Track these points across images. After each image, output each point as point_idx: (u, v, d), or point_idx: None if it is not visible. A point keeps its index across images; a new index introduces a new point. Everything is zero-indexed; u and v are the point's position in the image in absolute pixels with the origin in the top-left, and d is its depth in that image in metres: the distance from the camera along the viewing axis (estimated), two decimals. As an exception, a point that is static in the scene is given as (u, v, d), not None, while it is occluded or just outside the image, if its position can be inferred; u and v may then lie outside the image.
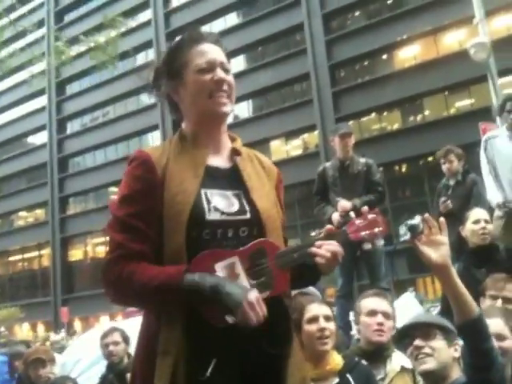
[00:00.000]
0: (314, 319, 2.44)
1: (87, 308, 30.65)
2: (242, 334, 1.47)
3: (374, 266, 5.13)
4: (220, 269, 1.51)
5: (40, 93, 33.34)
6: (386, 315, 2.77)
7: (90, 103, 34.82)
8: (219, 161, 1.71)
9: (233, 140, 1.79)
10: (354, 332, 4.23)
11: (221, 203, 1.60)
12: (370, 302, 2.84)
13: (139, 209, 1.56)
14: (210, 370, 1.46)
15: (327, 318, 2.46)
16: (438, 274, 1.87)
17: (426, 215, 1.83)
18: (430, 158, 21.64)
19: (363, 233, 1.60)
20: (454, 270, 1.86)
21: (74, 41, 12.35)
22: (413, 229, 1.90)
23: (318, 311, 2.47)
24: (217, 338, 1.48)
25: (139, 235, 1.55)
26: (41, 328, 34.53)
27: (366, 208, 1.63)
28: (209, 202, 1.58)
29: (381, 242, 5.00)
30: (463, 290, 1.85)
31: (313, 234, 25.00)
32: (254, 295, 1.46)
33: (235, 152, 1.74)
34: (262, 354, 1.53)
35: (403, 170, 26.66)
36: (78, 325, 31.42)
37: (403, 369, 2.68)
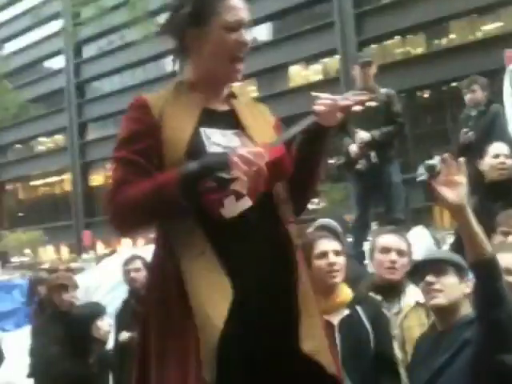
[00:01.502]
0: (323, 254, 2.47)
1: (109, 231, 31.33)
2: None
3: (391, 198, 5.14)
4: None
5: (55, 17, 32.73)
6: (400, 252, 2.78)
7: (106, 27, 34.14)
8: (216, 104, 1.72)
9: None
10: (366, 262, 4.30)
11: (221, 139, 1.62)
12: (384, 239, 2.85)
13: (138, 147, 1.60)
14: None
15: (336, 253, 2.49)
16: (454, 214, 1.87)
17: (445, 155, 1.81)
18: (454, 84, 21.06)
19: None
20: (469, 211, 1.85)
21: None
22: (430, 169, 1.88)
23: (327, 247, 2.49)
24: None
25: (140, 169, 1.58)
26: (64, 250, 35.67)
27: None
28: (208, 138, 1.60)
29: (399, 176, 4.95)
30: (478, 230, 1.86)
31: (331, 161, 24.86)
32: (243, 150, 1.49)
33: (232, 95, 1.76)
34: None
35: (426, 96, 26.07)
36: (100, 247, 32.39)
37: (418, 304, 2.73)
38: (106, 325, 3.67)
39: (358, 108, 1.69)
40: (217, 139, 1.62)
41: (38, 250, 34.92)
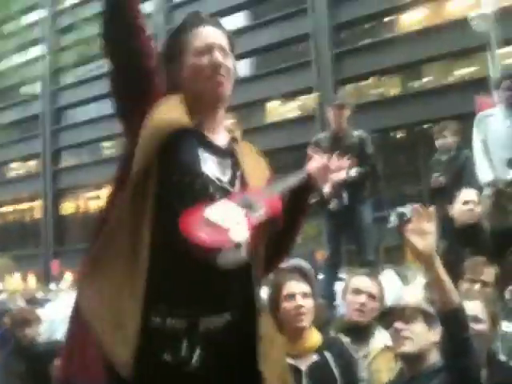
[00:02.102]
0: (291, 296, 2.46)
1: (78, 261, 30.79)
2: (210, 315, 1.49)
3: (362, 239, 5.18)
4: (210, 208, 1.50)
5: (35, 43, 32.69)
6: (371, 296, 2.80)
7: (84, 55, 34.25)
8: (215, 138, 1.71)
9: (231, 132, 1.81)
10: (337, 302, 4.29)
11: (214, 167, 1.62)
12: (357, 281, 2.87)
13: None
14: (195, 359, 1.47)
15: (304, 295, 2.48)
16: (422, 262, 1.89)
17: (416, 206, 1.84)
18: (428, 126, 21.55)
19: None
20: (438, 259, 1.88)
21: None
22: (401, 216, 1.91)
23: (294, 288, 2.49)
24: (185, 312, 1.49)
25: None
26: (32, 279, 34.83)
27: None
28: (204, 162, 1.60)
29: (370, 216, 5.02)
30: (446, 280, 1.88)
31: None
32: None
33: (233, 139, 1.76)
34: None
35: (399, 136, 26.56)
36: (68, 277, 31.74)
37: (386, 347, 2.73)
38: None
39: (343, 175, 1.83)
40: (211, 166, 1.61)
41: (5, 277, 33.99)
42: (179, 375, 1.46)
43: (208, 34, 1.70)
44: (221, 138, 1.72)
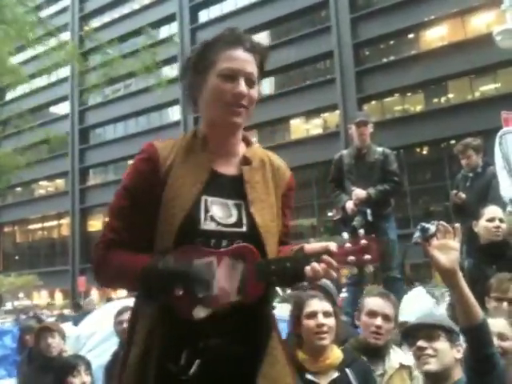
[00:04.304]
0: (312, 315, 2.47)
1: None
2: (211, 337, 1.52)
3: (387, 255, 5.13)
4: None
5: (62, 64, 33.49)
6: (386, 318, 2.78)
7: (111, 75, 34.93)
8: (227, 167, 1.69)
9: (248, 144, 1.77)
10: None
11: (219, 213, 1.61)
12: (372, 302, 2.85)
13: (137, 204, 1.61)
14: (193, 370, 1.50)
15: (326, 314, 2.49)
16: (445, 278, 1.88)
17: (441, 223, 1.83)
18: (453, 142, 21.35)
19: (350, 258, 1.53)
20: (460, 275, 1.87)
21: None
22: (425, 232, 1.91)
23: (317, 307, 2.50)
24: (187, 334, 1.52)
25: (133, 228, 1.61)
26: (58, 296, 35.26)
27: (361, 232, 1.57)
28: (206, 211, 1.60)
29: (395, 233, 4.93)
30: (469, 295, 1.87)
31: (330, 214, 25.04)
32: (221, 286, 1.51)
33: (245, 161, 1.71)
34: (232, 360, 1.55)
35: (424, 153, 26.38)
36: (94, 294, 31.99)
37: (402, 366, 2.72)
38: (78, 382, 3.43)
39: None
40: (215, 212, 1.60)
41: (33, 294, 34.49)
42: (178, 383, 1.51)
43: (238, 59, 1.63)
44: (233, 163, 1.70)
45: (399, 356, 2.75)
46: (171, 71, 30.95)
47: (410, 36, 26.29)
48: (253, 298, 1.54)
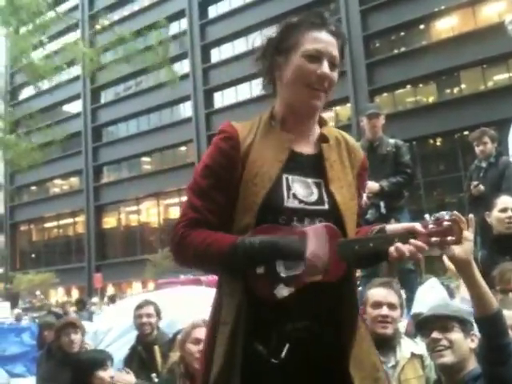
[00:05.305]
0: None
1: (120, 274, 31.42)
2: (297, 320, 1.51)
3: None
4: None
5: (75, 62, 33.70)
6: (392, 306, 2.78)
7: (123, 72, 35.10)
8: (304, 147, 1.69)
9: (322, 124, 1.77)
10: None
11: (300, 191, 1.61)
12: (375, 293, 2.84)
13: (219, 182, 1.61)
14: (284, 353, 1.49)
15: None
16: (459, 269, 1.88)
17: (455, 213, 1.83)
18: (466, 133, 21.19)
19: (434, 239, 1.53)
20: (475, 266, 1.87)
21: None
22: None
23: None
24: (274, 316, 1.52)
25: (215, 207, 1.61)
26: (75, 292, 35.57)
27: (443, 213, 1.57)
28: (289, 189, 1.60)
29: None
30: (483, 285, 1.87)
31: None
32: (314, 255, 1.49)
33: (323, 139, 1.71)
34: (319, 341, 1.55)
35: (437, 144, 26.20)
36: (110, 290, 32.26)
37: (413, 355, 2.72)
38: (107, 376, 3.48)
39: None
40: (297, 190, 1.60)
41: (49, 291, 34.83)
42: (267, 366, 1.50)
43: (323, 41, 1.64)
44: (311, 142, 1.71)
45: (410, 345, 2.75)
46: (181, 67, 31.03)
47: (421, 27, 26.07)
48: (335, 278, 1.53)
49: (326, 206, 1.61)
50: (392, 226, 1.61)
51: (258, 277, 1.49)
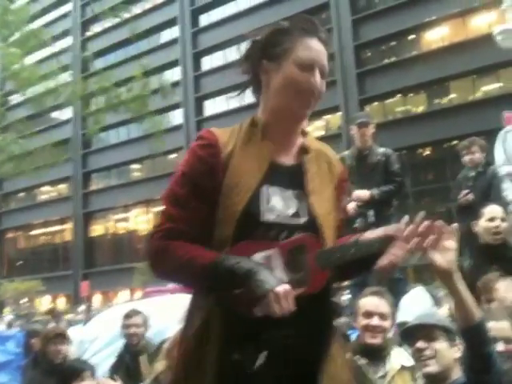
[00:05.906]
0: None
1: (107, 282, 31.22)
2: (273, 329, 1.47)
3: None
4: (258, 259, 1.50)
5: (64, 69, 33.59)
6: (383, 316, 2.76)
7: (116, 79, 35.05)
8: (285, 157, 1.66)
9: (304, 134, 1.74)
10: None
11: (278, 204, 1.58)
12: (367, 302, 2.81)
13: (197, 190, 1.57)
14: (258, 363, 1.48)
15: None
16: (442, 279, 1.88)
17: (438, 222, 1.82)
18: (455, 142, 21.33)
19: (412, 242, 1.53)
20: (458, 276, 1.86)
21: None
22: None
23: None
24: (249, 327, 1.49)
25: (192, 216, 1.55)
26: (61, 301, 35.29)
27: (421, 214, 1.55)
28: (267, 201, 1.57)
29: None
30: (466, 296, 1.86)
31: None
32: (283, 287, 1.43)
33: (304, 150, 1.69)
34: (296, 352, 1.52)
35: (426, 153, 26.37)
36: (97, 298, 32.03)
37: (403, 367, 2.70)
38: None
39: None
40: (276, 203, 1.57)
41: (36, 299, 34.49)
42: (243, 375, 1.49)
43: (316, 50, 1.63)
44: (292, 153, 1.67)
45: (401, 357, 2.73)
46: (172, 75, 31.05)
47: (411, 37, 26.31)
48: (317, 289, 1.51)
49: (304, 220, 1.59)
50: (371, 232, 1.59)
51: (236, 295, 1.47)
